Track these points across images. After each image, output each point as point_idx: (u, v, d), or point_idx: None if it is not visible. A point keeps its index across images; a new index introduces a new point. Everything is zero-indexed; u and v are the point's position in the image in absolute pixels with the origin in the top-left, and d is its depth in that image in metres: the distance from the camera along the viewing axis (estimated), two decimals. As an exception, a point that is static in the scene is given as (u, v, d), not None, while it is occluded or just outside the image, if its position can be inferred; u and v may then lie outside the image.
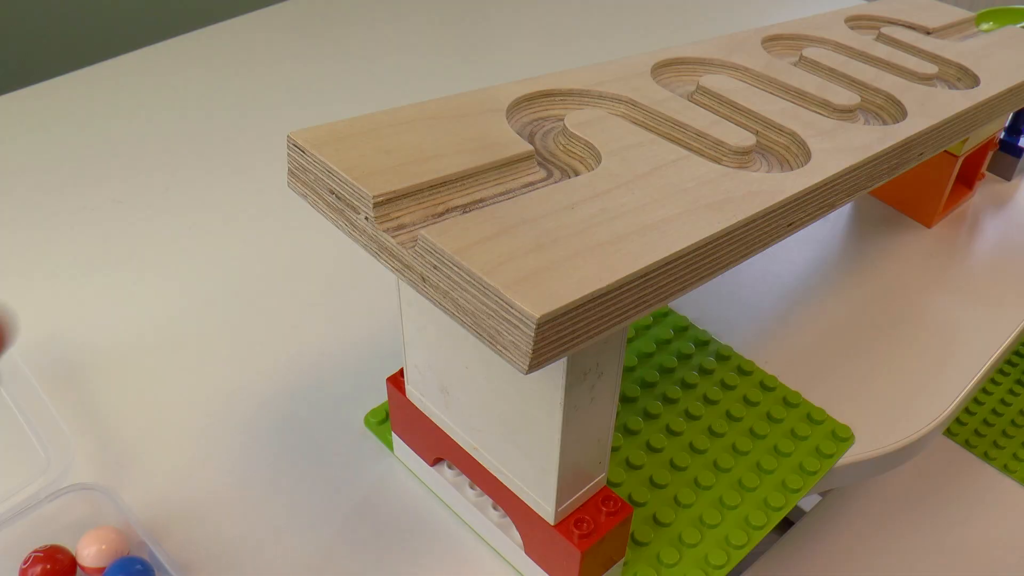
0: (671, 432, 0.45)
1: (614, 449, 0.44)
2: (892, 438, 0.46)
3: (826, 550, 0.64)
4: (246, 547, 0.40)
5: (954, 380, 0.51)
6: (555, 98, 0.38)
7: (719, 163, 0.35)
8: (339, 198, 0.30)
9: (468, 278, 0.26)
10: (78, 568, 0.38)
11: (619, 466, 0.43)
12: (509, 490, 0.36)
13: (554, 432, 0.31)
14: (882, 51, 0.50)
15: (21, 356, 0.47)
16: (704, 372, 0.49)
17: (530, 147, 0.33)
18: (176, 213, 0.63)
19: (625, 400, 0.47)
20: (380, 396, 0.47)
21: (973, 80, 0.49)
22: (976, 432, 0.75)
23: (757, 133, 0.39)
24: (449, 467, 0.41)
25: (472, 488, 0.40)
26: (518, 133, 0.35)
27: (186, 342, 0.51)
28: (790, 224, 0.34)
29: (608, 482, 0.38)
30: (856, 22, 0.56)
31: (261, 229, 0.62)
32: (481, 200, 0.31)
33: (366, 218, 0.29)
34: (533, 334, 0.24)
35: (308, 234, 0.61)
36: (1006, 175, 0.71)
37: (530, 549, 0.37)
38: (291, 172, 0.32)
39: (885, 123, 0.43)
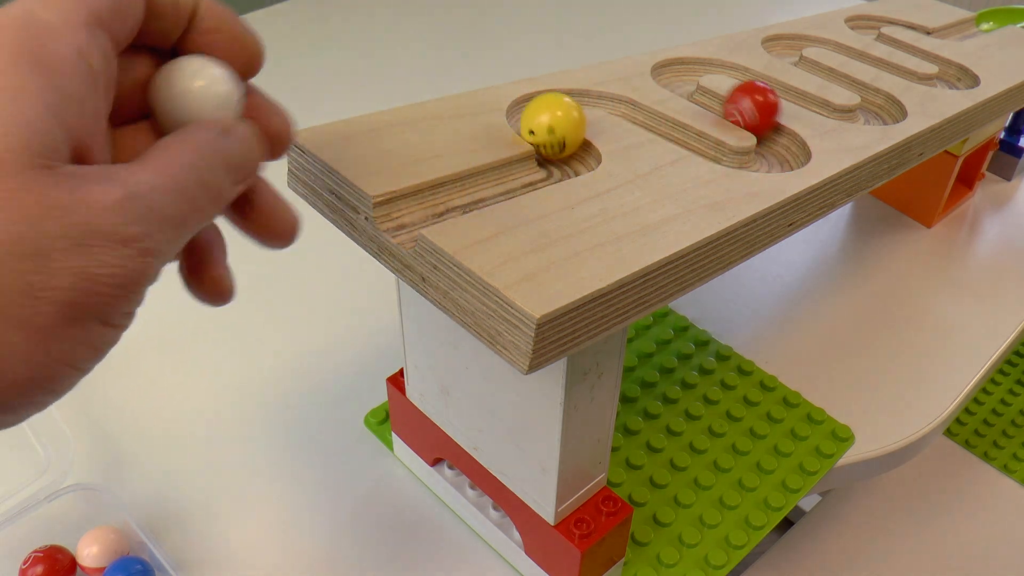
0: (671, 432, 0.45)
1: (614, 449, 0.44)
2: (892, 438, 0.46)
3: (826, 550, 0.64)
4: (246, 547, 0.40)
5: (954, 380, 0.51)
6: (555, 98, 0.38)
7: (719, 163, 0.35)
8: (339, 198, 0.30)
9: (468, 278, 0.26)
10: (78, 568, 0.38)
11: (619, 466, 0.43)
12: (509, 490, 0.36)
13: (554, 432, 0.31)
14: (882, 51, 0.50)
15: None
16: (704, 372, 0.49)
17: (530, 147, 0.33)
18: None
19: (625, 400, 0.47)
20: (380, 396, 0.47)
21: (973, 80, 0.49)
22: (976, 432, 0.75)
23: (757, 133, 0.39)
24: (449, 467, 0.41)
25: (472, 488, 0.40)
26: (518, 133, 0.35)
27: (186, 342, 0.51)
28: (790, 224, 0.34)
29: (608, 482, 0.38)
30: (856, 22, 0.56)
31: (261, 229, 0.61)
32: (481, 200, 0.31)
33: (366, 218, 0.29)
34: (533, 334, 0.24)
35: (308, 234, 0.61)
36: (1006, 175, 0.71)
37: (530, 549, 0.37)
38: (291, 172, 0.32)
39: (885, 123, 0.43)
